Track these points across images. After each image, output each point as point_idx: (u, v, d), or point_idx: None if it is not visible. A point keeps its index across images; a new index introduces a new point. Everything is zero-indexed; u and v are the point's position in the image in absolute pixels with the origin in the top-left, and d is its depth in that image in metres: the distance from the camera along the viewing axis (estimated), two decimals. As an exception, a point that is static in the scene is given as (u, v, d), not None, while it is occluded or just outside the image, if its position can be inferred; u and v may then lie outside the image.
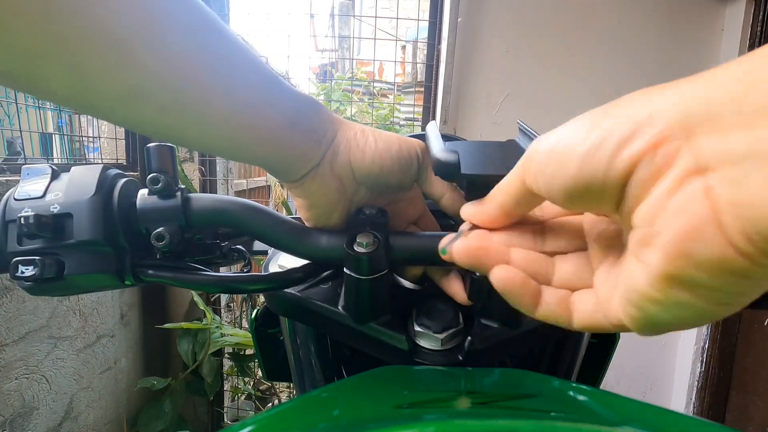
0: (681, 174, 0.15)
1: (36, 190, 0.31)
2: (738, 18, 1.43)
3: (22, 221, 0.29)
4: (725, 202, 0.14)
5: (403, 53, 2.35)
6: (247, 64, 0.28)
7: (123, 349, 1.44)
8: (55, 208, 0.31)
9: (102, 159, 1.60)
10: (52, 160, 1.58)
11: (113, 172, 0.34)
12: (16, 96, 1.28)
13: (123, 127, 1.39)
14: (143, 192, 0.33)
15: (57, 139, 1.69)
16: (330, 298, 0.38)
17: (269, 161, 0.31)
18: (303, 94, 0.32)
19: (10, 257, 0.30)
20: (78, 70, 0.22)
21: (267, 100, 0.29)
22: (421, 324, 0.36)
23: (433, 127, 0.34)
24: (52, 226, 0.30)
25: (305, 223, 0.35)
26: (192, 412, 1.63)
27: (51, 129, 1.64)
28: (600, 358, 0.50)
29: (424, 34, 1.49)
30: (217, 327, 1.44)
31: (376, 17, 1.55)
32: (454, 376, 0.33)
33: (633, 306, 0.18)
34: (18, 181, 0.33)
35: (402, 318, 0.37)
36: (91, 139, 1.67)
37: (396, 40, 1.82)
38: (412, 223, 0.39)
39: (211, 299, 1.60)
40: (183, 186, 0.34)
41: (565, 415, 0.25)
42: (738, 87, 0.14)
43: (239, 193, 2.00)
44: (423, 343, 0.36)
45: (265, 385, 1.80)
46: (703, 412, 1.59)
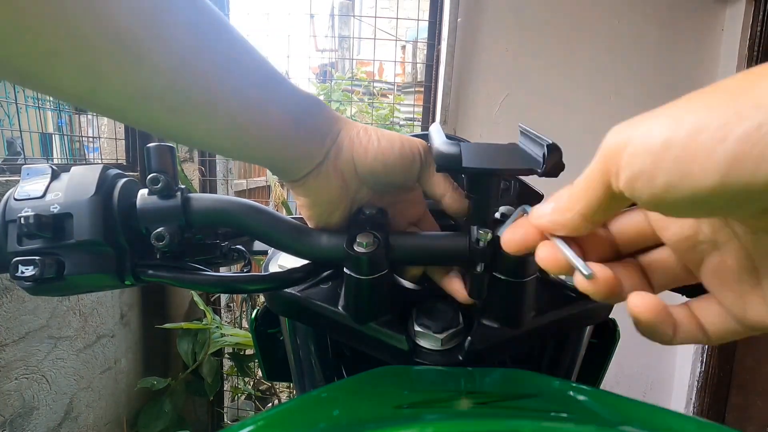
0: None
1: (36, 190, 0.31)
2: (738, 18, 1.43)
3: (22, 221, 0.29)
4: None
5: (403, 53, 2.35)
6: (253, 63, 0.28)
7: (123, 349, 1.44)
8: (55, 208, 0.31)
9: (102, 159, 1.60)
10: (52, 160, 1.58)
11: (113, 172, 0.34)
12: (16, 96, 1.28)
13: (137, 129, 1.39)
14: (143, 192, 0.33)
15: (57, 139, 1.69)
16: (330, 298, 0.38)
17: (273, 160, 0.31)
18: (306, 92, 0.32)
19: (10, 257, 0.30)
20: (90, 69, 0.22)
21: (272, 99, 0.29)
22: (421, 324, 0.36)
23: (436, 127, 0.35)
24: (52, 226, 0.30)
25: (307, 222, 0.35)
26: (192, 412, 1.63)
27: (51, 129, 1.65)
28: (600, 358, 0.49)
29: (424, 34, 1.49)
30: (217, 327, 1.44)
31: (376, 17, 1.56)
32: (454, 376, 0.33)
33: None
34: (18, 181, 0.33)
35: (402, 318, 0.37)
36: (91, 139, 1.67)
37: (396, 40, 1.82)
38: (413, 224, 0.39)
39: (211, 299, 1.60)
40: (183, 186, 0.34)
41: (565, 415, 0.25)
42: None
43: (239, 193, 2.00)
44: (423, 343, 0.36)
45: (265, 385, 1.80)
46: (703, 412, 1.59)
